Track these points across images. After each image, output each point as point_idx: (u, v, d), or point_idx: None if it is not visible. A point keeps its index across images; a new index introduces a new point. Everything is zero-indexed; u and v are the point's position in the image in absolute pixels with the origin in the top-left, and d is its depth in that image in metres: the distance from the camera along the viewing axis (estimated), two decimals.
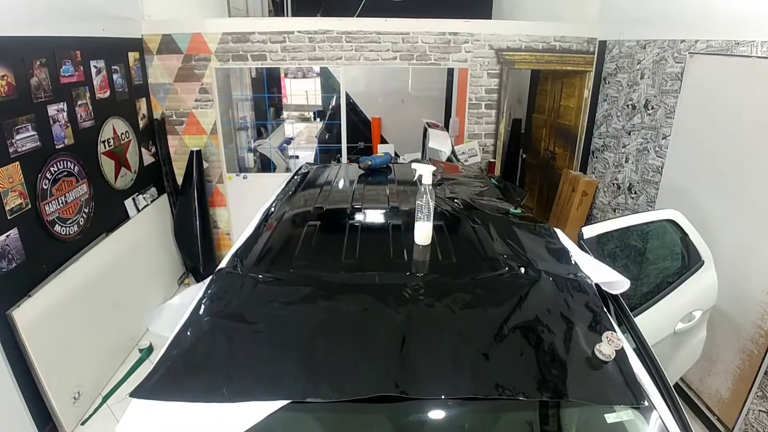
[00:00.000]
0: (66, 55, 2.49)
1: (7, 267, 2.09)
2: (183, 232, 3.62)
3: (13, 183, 2.12)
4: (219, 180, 3.77)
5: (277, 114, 5.81)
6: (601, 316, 1.16)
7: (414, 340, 1.05)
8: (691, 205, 2.41)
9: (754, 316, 2.10)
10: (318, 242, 1.49)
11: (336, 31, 3.41)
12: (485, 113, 3.70)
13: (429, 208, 1.43)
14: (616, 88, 3.29)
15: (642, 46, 2.96)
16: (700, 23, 2.44)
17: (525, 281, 1.27)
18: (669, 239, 1.91)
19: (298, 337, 1.09)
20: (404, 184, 2.06)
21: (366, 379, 0.96)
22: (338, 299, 1.22)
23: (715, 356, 2.33)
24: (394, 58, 3.50)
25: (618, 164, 3.27)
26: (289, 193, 1.98)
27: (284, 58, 3.46)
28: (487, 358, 1.02)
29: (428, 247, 1.45)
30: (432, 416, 1.00)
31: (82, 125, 2.62)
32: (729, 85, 2.23)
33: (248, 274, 1.30)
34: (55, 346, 2.29)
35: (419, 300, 1.19)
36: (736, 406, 2.23)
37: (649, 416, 0.94)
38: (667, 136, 2.72)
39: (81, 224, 2.60)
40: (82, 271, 2.53)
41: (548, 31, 3.47)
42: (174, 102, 3.52)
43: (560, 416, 1.04)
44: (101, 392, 2.65)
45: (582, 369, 1.00)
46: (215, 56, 3.41)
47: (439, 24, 3.43)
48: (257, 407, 0.92)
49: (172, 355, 1.04)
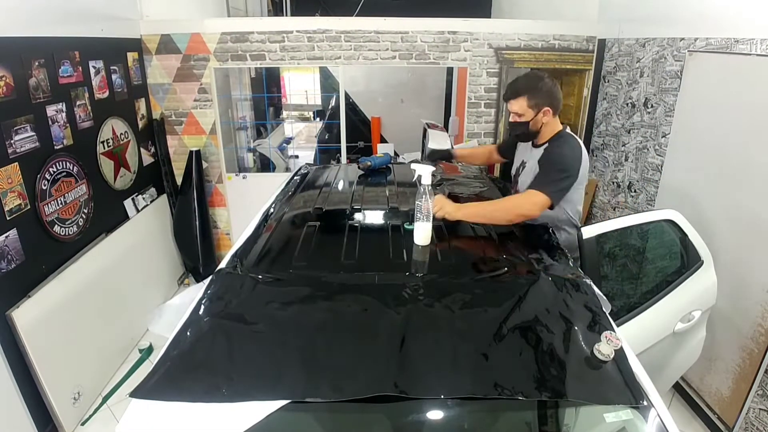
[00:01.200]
0: (65, 55, 2.49)
1: (6, 268, 2.09)
2: (182, 232, 3.62)
3: (12, 184, 2.12)
4: (218, 180, 3.77)
5: (276, 114, 5.81)
6: (600, 316, 1.17)
7: (413, 340, 1.06)
8: (691, 203, 2.41)
9: (754, 314, 2.10)
10: (317, 243, 1.50)
11: (335, 31, 3.40)
12: (485, 112, 3.70)
13: (428, 208, 1.44)
14: (616, 86, 3.29)
15: (641, 44, 2.96)
16: (700, 21, 2.44)
17: (524, 281, 1.27)
18: (668, 239, 1.91)
19: (298, 337, 1.09)
20: (404, 186, 2.06)
21: (365, 379, 0.96)
22: (338, 299, 1.22)
23: (716, 354, 2.33)
24: (393, 58, 3.50)
25: (618, 163, 3.27)
26: (289, 193, 1.98)
27: (283, 58, 3.45)
28: (487, 358, 1.02)
29: (427, 248, 1.45)
30: (431, 416, 1.00)
31: (81, 125, 2.62)
32: (728, 83, 2.23)
33: (248, 275, 1.30)
34: (54, 347, 2.29)
35: (419, 300, 1.19)
36: (736, 405, 2.23)
37: (648, 416, 0.94)
38: (666, 134, 2.72)
39: (80, 225, 2.60)
40: (81, 271, 2.53)
41: (547, 30, 3.47)
42: (173, 102, 3.52)
43: (559, 416, 1.05)
44: (101, 392, 2.65)
45: (581, 369, 1.00)
46: (214, 56, 3.41)
47: (438, 23, 3.43)
48: (257, 407, 0.92)
49: (172, 355, 1.05)
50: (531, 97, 1.82)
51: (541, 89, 1.82)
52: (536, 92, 1.81)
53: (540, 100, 1.82)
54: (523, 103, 1.84)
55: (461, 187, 2.09)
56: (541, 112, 1.83)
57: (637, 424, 0.94)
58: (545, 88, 1.82)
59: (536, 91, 1.81)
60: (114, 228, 2.93)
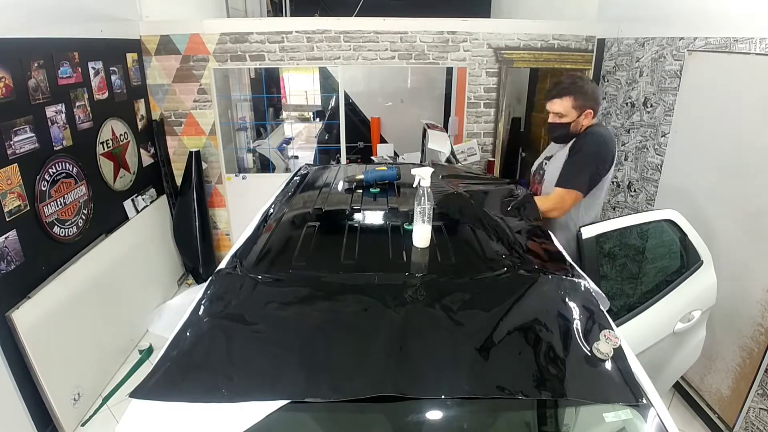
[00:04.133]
0: (64, 56, 2.49)
1: (6, 269, 2.09)
2: (182, 232, 3.62)
3: (12, 185, 2.12)
4: (218, 180, 3.77)
5: (276, 114, 5.81)
6: (599, 314, 1.17)
7: (413, 340, 1.06)
8: (691, 202, 2.41)
9: (754, 313, 2.10)
10: (317, 243, 1.50)
11: (334, 31, 3.41)
12: (484, 112, 3.70)
13: (427, 210, 1.43)
14: (615, 86, 3.29)
15: (641, 43, 2.96)
16: (699, 21, 2.44)
17: (523, 281, 1.27)
18: (668, 239, 1.91)
19: (298, 338, 1.09)
20: (404, 186, 1.94)
21: (365, 379, 0.96)
22: (337, 300, 1.22)
23: (716, 354, 2.33)
24: (392, 58, 3.50)
25: (617, 162, 3.27)
26: (289, 194, 1.98)
27: (282, 58, 3.46)
28: (486, 358, 1.02)
29: (427, 249, 1.45)
30: (431, 416, 1.00)
31: (80, 126, 2.62)
32: (727, 82, 2.23)
33: (248, 275, 1.30)
34: (54, 348, 2.29)
35: (418, 300, 1.19)
36: (736, 404, 2.23)
37: (648, 414, 0.94)
38: (666, 133, 2.72)
39: (80, 225, 2.60)
40: (81, 272, 2.53)
41: (547, 30, 3.47)
42: (172, 103, 3.52)
43: (559, 416, 1.05)
44: (101, 393, 2.65)
45: (580, 368, 1.00)
46: (213, 57, 3.41)
47: (437, 23, 3.43)
48: (257, 407, 0.92)
49: (172, 355, 1.05)
50: (577, 98, 1.81)
51: (587, 91, 1.81)
52: (582, 93, 1.80)
53: (585, 102, 1.81)
54: (567, 104, 1.83)
55: (469, 184, 2.08)
56: (583, 114, 1.82)
57: (636, 423, 0.94)
58: (591, 89, 1.82)
59: (582, 92, 1.80)
60: (114, 229, 2.93)
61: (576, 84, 1.84)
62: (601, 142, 1.82)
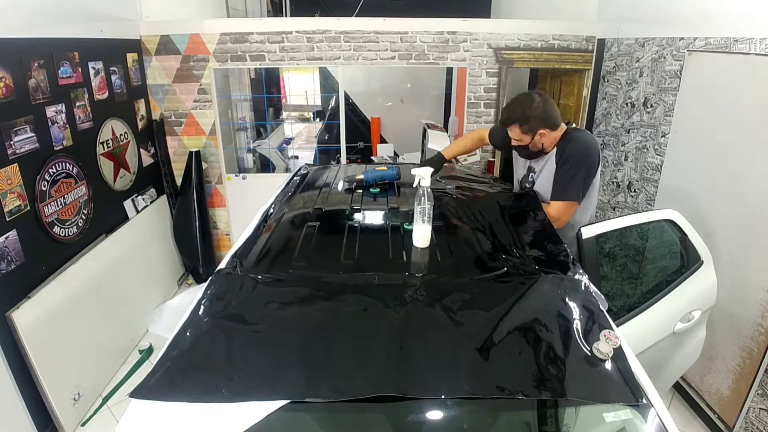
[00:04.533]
0: (64, 56, 2.49)
1: (6, 269, 2.09)
2: (182, 232, 3.62)
3: (12, 184, 2.12)
4: (218, 180, 3.77)
5: (276, 114, 5.81)
6: (599, 314, 1.17)
7: (413, 340, 1.06)
8: (691, 202, 2.41)
9: (754, 313, 2.10)
10: (317, 243, 1.50)
11: (334, 31, 3.41)
12: (484, 112, 3.70)
13: (427, 210, 1.43)
14: (615, 86, 3.29)
15: (641, 44, 2.96)
16: (699, 21, 2.44)
17: (523, 281, 1.27)
18: (668, 239, 1.91)
19: (298, 338, 1.09)
20: (404, 186, 1.96)
21: (365, 379, 0.96)
22: (337, 300, 1.22)
23: (716, 354, 2.33)
24: (392, 58, 3.50)
25: (617, 162, 3.27)
26: (289, 194, 1.98)
27: (282, 58, 3.46)
28: (486, 358, 1.02)
29: (427, 249, 1.45)
30: (431, 416, 1.00)
31: (80, 126, 2.62)
32: (727, 82, 2.23)
33: (248, 275, 1.30)
34: (54, 348, 2.29)
35: (418, 300, 1.19)
36: (736, 404, 2.23)
37: (648, 414, 0.94)
38: (666, 134, 2.72)
39: (80, 225, 2.60)
40: (81, 272, 2.53)
41: (547, 30, 3.47)
42: (173, 103, 3.52)
43: (559, 416, 1.05)
44: (101, 393, 2.65)
45: (580, 367, 1.00)
46: (213, 57, 3.41)
47: (437, 23, 3.43)
48: (257, 407, 0.92)
49: (172, 355, 1.05)
50: (523, 124, 1.82)
51: (532, 114, 1.80)
52: (527, 118, 1.81)
53: (533, 124, 1.81)
54: (517, 131, 1.85)
55: (467, 186, 2.08)
56: (537, 134, 1.83)
57: (636, 423, 0.94)
58: (536, 111, 1.80)
59: (527, 118, 1.80)
60: (114, 229, 2.93)
61: (516, 113, 1.83)
62: (586, 147, 1.82)
